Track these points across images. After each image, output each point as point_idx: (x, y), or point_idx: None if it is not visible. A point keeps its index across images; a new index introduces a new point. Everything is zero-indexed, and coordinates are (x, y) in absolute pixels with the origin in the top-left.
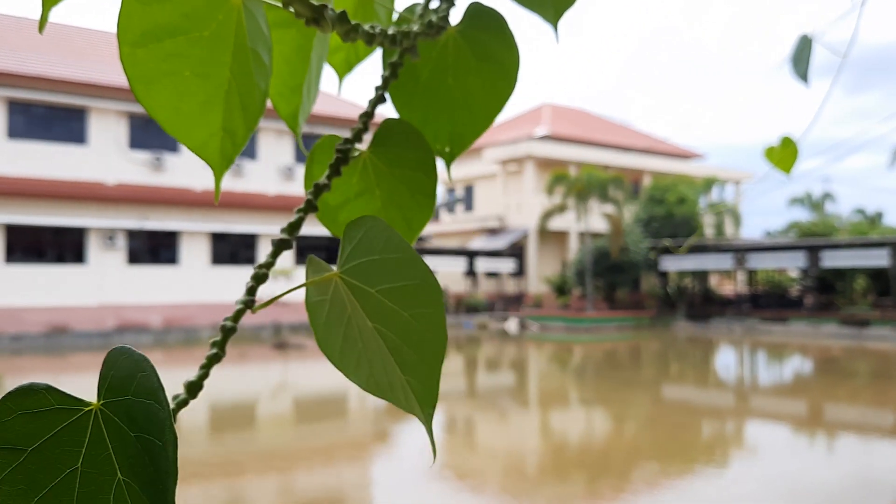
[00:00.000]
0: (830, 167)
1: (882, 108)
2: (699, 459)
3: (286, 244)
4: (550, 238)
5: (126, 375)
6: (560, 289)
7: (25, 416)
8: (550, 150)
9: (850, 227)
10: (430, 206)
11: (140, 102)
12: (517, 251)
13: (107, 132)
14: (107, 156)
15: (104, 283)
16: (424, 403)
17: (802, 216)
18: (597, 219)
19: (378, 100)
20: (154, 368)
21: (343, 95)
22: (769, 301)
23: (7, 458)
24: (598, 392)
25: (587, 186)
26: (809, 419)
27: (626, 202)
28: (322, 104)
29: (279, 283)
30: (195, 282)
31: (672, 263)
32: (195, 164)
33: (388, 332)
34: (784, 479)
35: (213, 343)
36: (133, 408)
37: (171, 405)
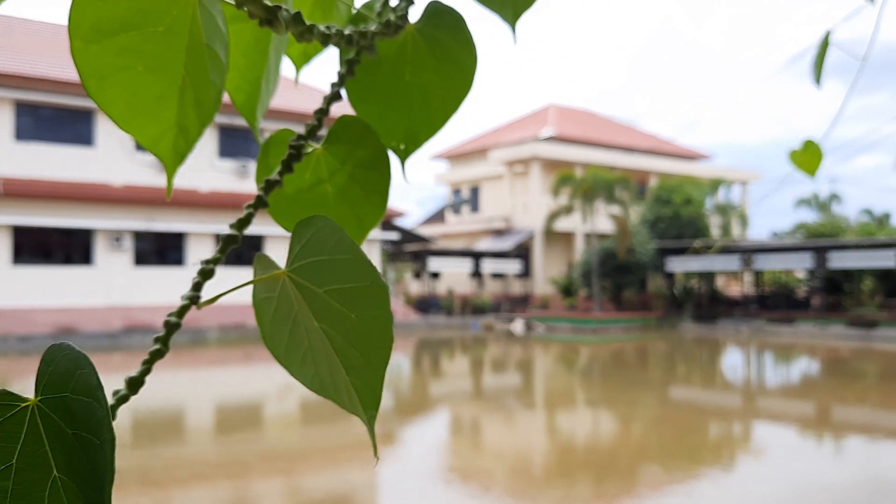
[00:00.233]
0: (838, 167)
1: (890, 109)
2: (708, 461)
3: (233, 240)
4: (556, 239)
5: (65, 372)
6: (566, 290)
7: None
8: (556, 151)
9: (858, 228)
10: (383, 205)
11: (92, 98)
12: (523, 252)
13: (113, 134)
14: (113, 157)
15: (111, 284)
16: (368, 406)
17: (809, 217)
18: (603, 220)
19: (333, 96)
20: (93, 366)
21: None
22: (776, 302)
23: None
24: (606, 393)
25: (593, 187)
26: (819, 421)
27: (633, 203)
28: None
29: None
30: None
31: (678, 264)
32: (201, 166)
33: (335, 333)
34: (793, 481)
35: (157, 339)
36: (71, 405)
37: (111, 400)
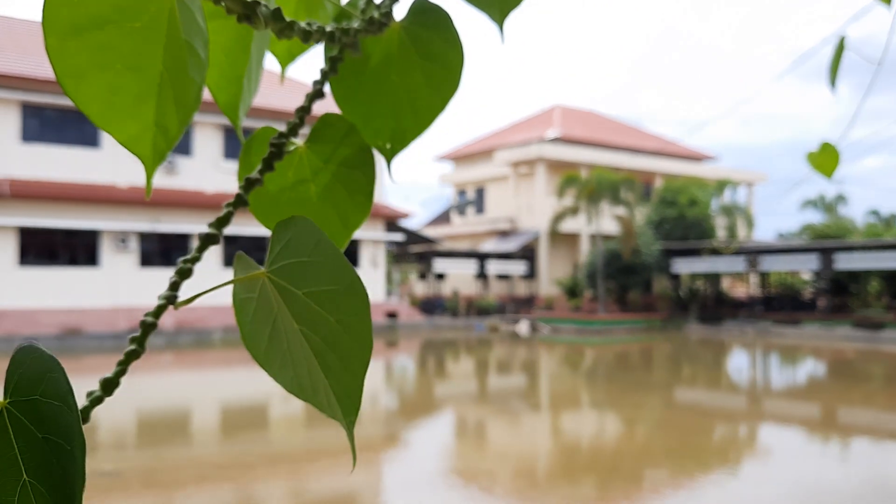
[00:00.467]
0: (844, 168)
1: None
2: (715, 463)
3: (213, 239)
4: (561, 240)
5: (34, 375)
6: (571, 291)
7: None
8: (561, 152)
9: (864, 229)
10: (367, 206)
11: (69, 96)
12: (528, 253)
13: None
14: (119, 159)
15: (117, 285)
16: (347, 410)
17: (815, 218)
18: (608, 221)
19: (316, 94)
20: (63, 370)
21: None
22: (782, 303)
23: None
24: (613, 396)
25: (598, 188)
26: (826, 423)
27: (638, 204)
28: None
29: None
30: (207, 284)
31: (684, 266)
32: (206, 167)
33: (314, 336)
34: (801, 483)
35: (132, 339)
36: (41, 408)
37: (85, 402)
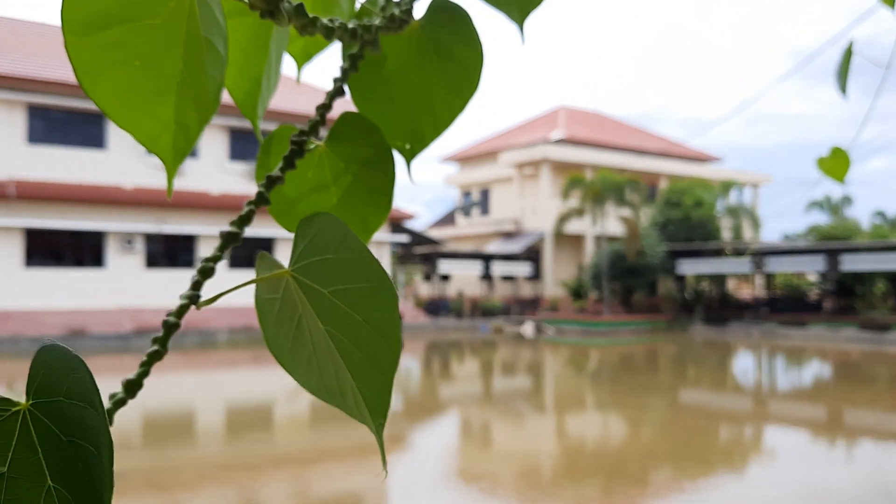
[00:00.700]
0: (851, 169)
1: None
2: (721, 465)
3: (234, 237)
4: (566, 241)
5: (57, 376)
6: (576, 292)
7: None
8: (566, 154)
9: (870, 231)
10: (387, 206)
11: (88, 94)
12: (533, 255)
13: (125, 136)
14: (125, 160)
15: (122, 287)
16: (376, 413)
17: (821, 219)
18: (613, 222)
19: (336, 92)
20: (88, 369)
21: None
22: (787, 305)
23: None
24: (618, 397)
25: (603, 190)
26: (834, 425)
27: (643, 205)
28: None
29: None
30: (212, 285)
31: (689, 267)
32: (212, 169)
33: (340, 336)
34: (809, 485)
35: (155, 340)
36: (66, 410)
37: (108, 404)
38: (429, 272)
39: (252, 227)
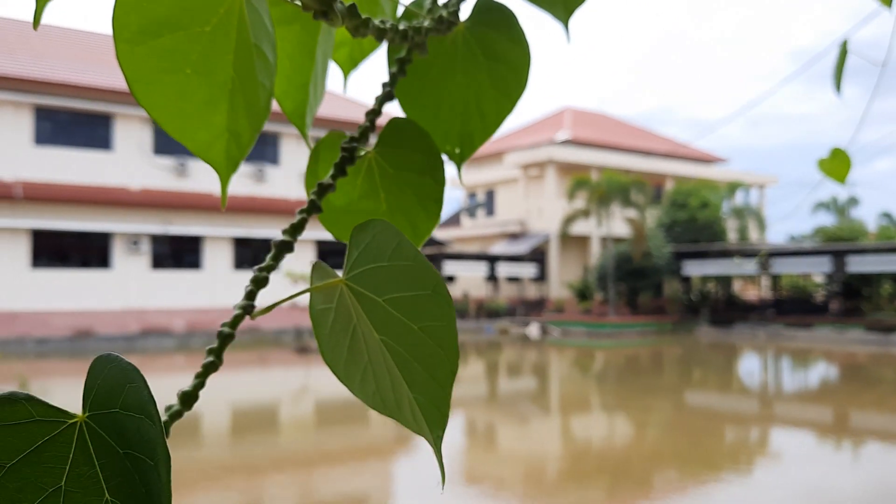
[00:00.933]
0: (856, 171)
1: None
2: (727, 467)
3: (287, 246)
4: (572, 243)
5: (113, 386)
6: (582, 294)
7: (3, 429)
8: (572, 155)
9: (877, 232)
10: (437, 213)
11: (139, 103)
12: (539, 256)
13: (131, 138)
14: (131, 161)
15: (128, 288)
16: (434, 425)
17: (827, 221)
18: (619, 223)
19: (386, 96)
20: (144, 379)
21: (349, 96)
22: (793, 306)
23: None
24: (624, 399)
25: (609, 191)
26: (841, 427)
27: (649, 207)
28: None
29: (298, 287)
30: (218, 286)
31: (695, 268)
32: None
33: (396, 346)
34: (816, 487)
35: (210, 350)
36: (121, 422)
37: (164, 417)
38: None
39: (263, 229)
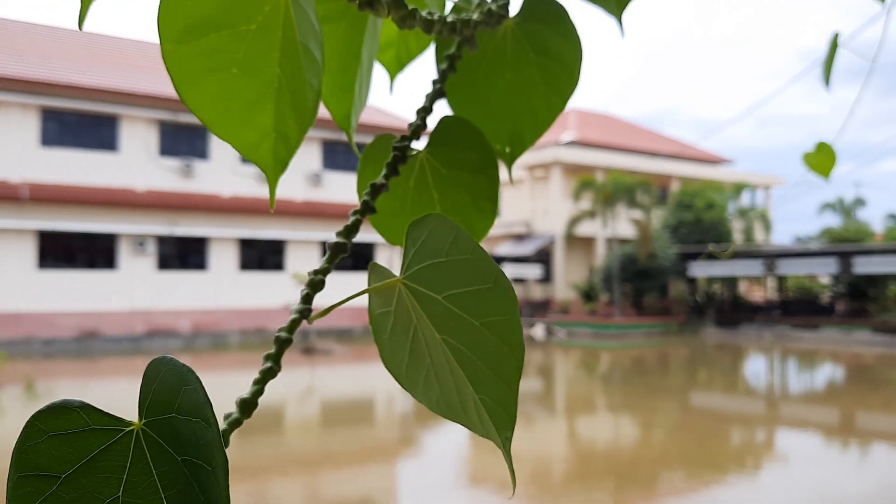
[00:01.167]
0: (862, 172)
1: None
2: (731, 468)
3: (342, 248)
4: (577, 244)
5: (169, 390)
6: (587, 295)
7: (58, 439)
8: (577, 156)
9: (884, 233)
10: (493, 212)
11: (185, 103)
12: (544, 257)
13: (137, 139)
14: (137, 163)
15: (134, 289)
16: (501, 427)
17: (833, 222)
18: (624, 224)
19: (436, 94)
20: (199, 381)
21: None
22: (800, 308)
23: (38, 487)
24: (630, 400)
25: (614, 192)
26: (849, 429)
27: (654, 208)
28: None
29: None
30: (224, 287)
31: (701, 269)
32: (223, 171)
33: (458, 345)
34: (825, 489)
35: (268, 356)
36: (178, 427)
37: (223, 425)
38: None
39: (269, 230)
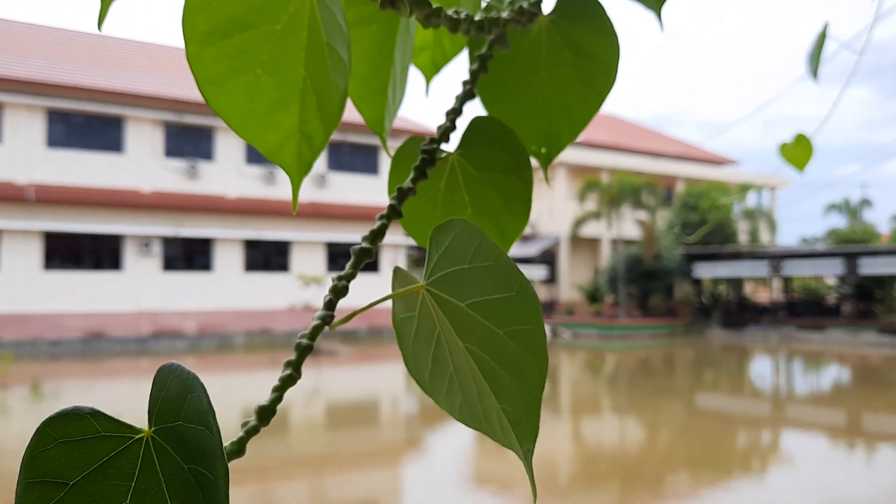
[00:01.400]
0: (869, 173)
1: None
2: (737, 470)
3: (367, 253)
4: (582, 245)
5: (176, 397)
6: (592, 296)
7: (67, 445)
8: (582, 157)
9: (890, 234)
10: (526, 213)
11: (209, 104)
12: (549, 258)
13: (143, 140)
14: (143, 164)
15: (140, 290)
16: (523, 437)
17: (839, 222)
18: (629, 225)
19: (467, 95)
20: (204, 388)
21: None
22: (806, 309)
23: (47, 493)
24: (636, 401)
25: (620, 193)
26: (856, 430)
27: (659, 208)
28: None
29: (311, 291)
30: (229, 288)
31: (706, 270)
32: (229, 172)
33: (481, 353)
34: (832, 490)
35: (288, 363)
36: (184, 435)
37: (241, 433)
38: None
39: (272, 231)
